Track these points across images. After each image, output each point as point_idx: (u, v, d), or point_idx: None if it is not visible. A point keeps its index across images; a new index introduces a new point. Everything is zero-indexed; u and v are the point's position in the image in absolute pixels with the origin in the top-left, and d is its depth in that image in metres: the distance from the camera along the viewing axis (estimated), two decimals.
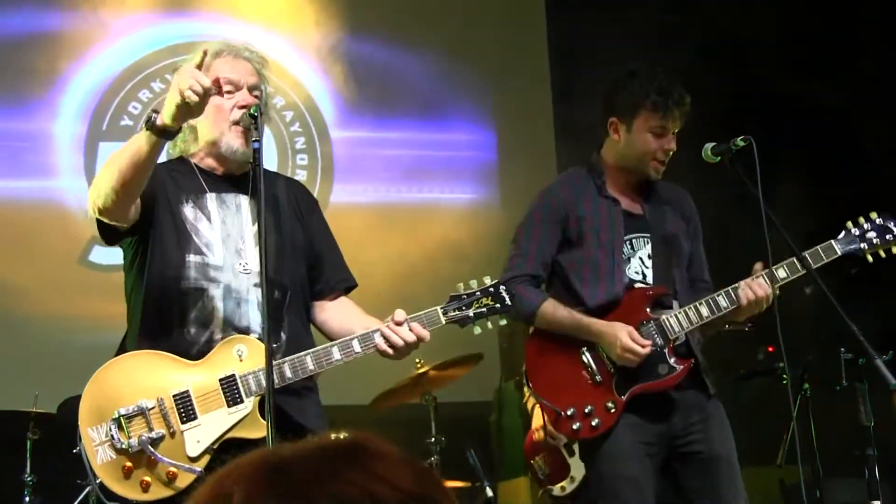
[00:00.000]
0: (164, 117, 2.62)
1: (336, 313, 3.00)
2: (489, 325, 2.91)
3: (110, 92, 6.12)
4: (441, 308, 2.86)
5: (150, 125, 2.63)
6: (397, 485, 0.90)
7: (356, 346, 2.80)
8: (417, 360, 4.73)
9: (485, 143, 6.52)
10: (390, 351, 2.79)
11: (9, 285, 5.56)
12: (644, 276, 3.42)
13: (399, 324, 2.78)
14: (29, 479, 4.39)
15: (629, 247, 3.44)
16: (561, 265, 3.47)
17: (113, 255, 5.47)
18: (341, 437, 0.98)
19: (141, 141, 2.65)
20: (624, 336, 3.25)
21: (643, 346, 3.24)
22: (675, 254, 3.46)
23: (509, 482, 5.24)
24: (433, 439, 4.70)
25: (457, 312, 2.88)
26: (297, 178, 6.05)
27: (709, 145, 3.31)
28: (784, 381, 3.87)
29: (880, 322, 3.98)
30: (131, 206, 2.76)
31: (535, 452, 4.53)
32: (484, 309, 2.90)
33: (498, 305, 2.91)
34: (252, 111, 2.77)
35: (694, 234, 3.54)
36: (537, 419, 4.49)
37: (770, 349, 4.45)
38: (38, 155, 5.97)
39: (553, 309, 3.38)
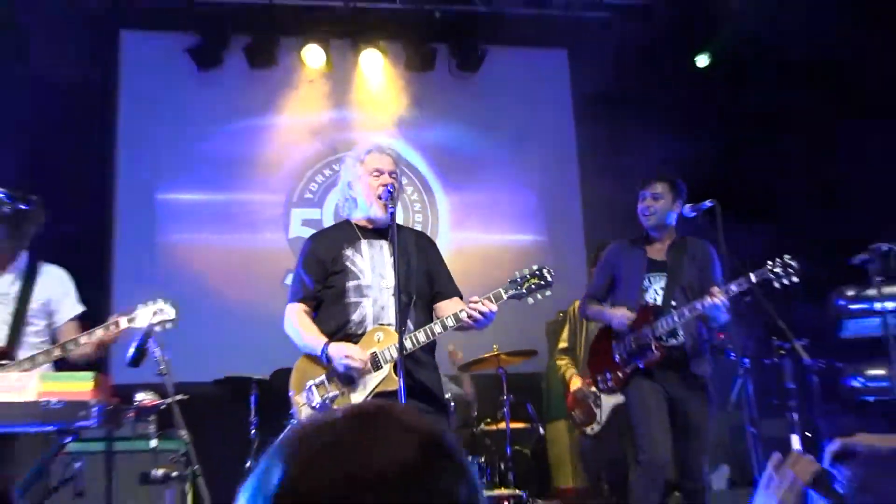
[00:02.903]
0: (332, 358, 2.76)
1: (446, 308, 2.94)
2: (539, 296, 2.84)
3: (298, 175, 6.20)
4: (503, 288, 2.81)
5: (326, 357, 2.77)
6: (396, 455, 0.73)
7: (449, 322, 2.78)
8: (495, 346, 4.77)
9: (532, 202, 6.43)
10: (469, 321, 2.75)
11: (237, 299, 5.70)
12: (656, 300, 3.53)
13: (472, 303, 2.76)
14: (254, 420, 4.49)
15: (648, 281, 3.57)
16: (607, 296, 3.70)
17: None
18: (370, 406, 0.80)
19: (314, 348, 2.81)
20: (619, 311, 3.52)
21: (627, 314, 3.48)
22: (681, 286, 3.52)
23: (553, 423, 5.21)
24: (505, 396, 4.71)
25: (514, 291, 2.82)
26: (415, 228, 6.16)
27: (688, 206, 3.41)
28: None
29: None
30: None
31: (574, 406, 4.53)
32: (533, 286, 2.82)
33: (542, 283, 2.83)
34: (390, 188, 2.85)
35: (705, 271, 3.56)
36: (574, 384, 4.49)
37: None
38: (253, 216, 6.07)
39: (593, 307, 3.68)
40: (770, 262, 3.31)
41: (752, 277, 3.27)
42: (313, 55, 6.11)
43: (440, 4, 6.19)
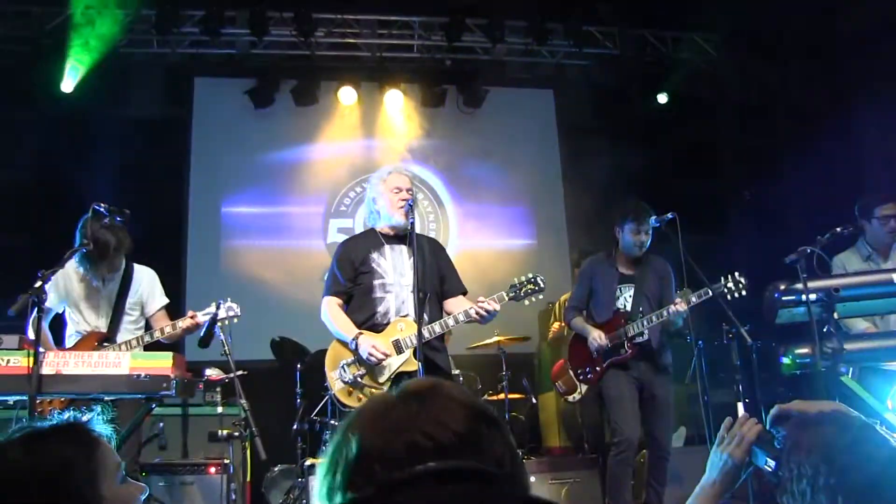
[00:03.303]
0: (359, 350, 2.74)
1: (455, 304, 2.94)
2: (533, 299, 2.87)
3: (334, 191, 6.18)
4: (504, 292, 2.84)
5: (355, 345, 2.75)
6: (450, 426, 0.71)
7: (460, 317, 2.79)
8: (496, 330, 4.76)
9: (524, 213, 6.40)
10: (477, 317, 2.77)
11: (285, 293, 5.68)
12: (626, 307, 3.50)
13: (480, 303, 2.78)
14: (298, 391, 4.41)
15: (619, 291, 3.53)
16: (587, 304, 3.62)
17: None
18: (421, 385, 0.77)
19: (346, 337, 2.78)
20: (594, 334, 3.44)
21: (601, 339, 3.41)
22: (646, 295, 3.50)
23: (544, 395, 5.22)
24: (504, 373, 4.70)
25: (513, 293, 2.84)
26: (429, 235, 6.15)
27: (652, 217, 3.36)
28: None
29: None
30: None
31: (558, 377, 4.53)
32: (528, 291, 2.85)
33: (536, 288, 2.86)
34: (410, 202, 2.85)
35: (664, 283, 3.54)
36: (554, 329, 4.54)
37: None
38: (298, 225, 6.04)
39: (576, 319, 3.58)
40: (724, 279, 3.30)
41: (710, 292, 3.26)
42: (347, 95, 6.17)
43: (450, 54, 6.26)
